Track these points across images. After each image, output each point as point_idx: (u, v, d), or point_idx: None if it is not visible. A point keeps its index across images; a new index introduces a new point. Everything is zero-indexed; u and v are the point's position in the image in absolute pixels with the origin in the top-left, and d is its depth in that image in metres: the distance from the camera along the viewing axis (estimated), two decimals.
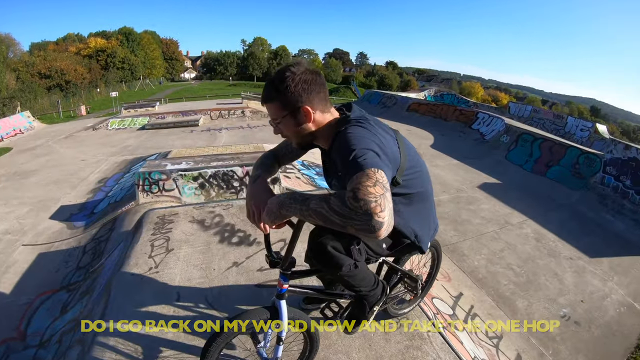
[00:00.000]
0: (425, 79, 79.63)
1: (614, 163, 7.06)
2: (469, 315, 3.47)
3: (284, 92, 1.40)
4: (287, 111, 1.44)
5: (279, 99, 1.43)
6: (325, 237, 1.54)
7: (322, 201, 1.19)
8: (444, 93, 25.55)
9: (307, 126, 1.49)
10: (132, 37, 57.81)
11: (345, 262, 1.58)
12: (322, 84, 1.47)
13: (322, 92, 1.47)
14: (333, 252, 1.54)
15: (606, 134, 15.51)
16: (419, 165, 1.66)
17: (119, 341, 2.24)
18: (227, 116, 15.44)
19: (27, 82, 36.17)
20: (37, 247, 4.91)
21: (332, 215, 1.14)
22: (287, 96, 1.41)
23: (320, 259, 1.59)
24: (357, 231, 1.11)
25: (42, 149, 11.35)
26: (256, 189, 1.60)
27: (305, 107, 1.43)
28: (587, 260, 4.95)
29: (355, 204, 1.08)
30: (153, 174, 5.22)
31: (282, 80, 1.39)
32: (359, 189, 1.09)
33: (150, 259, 3.06)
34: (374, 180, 1.11)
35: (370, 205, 1.06)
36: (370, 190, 1.09)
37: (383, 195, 1.09)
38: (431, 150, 10.37)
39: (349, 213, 1.10)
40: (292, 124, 1.48)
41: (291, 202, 1.30)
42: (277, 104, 1.44)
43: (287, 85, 1.39)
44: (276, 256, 1.69)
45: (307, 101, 1.43)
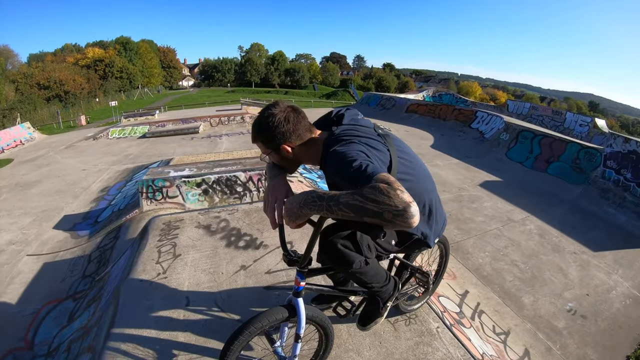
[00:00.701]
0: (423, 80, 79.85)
1: (614, 157, 7.07)
2: (475, 313, 3.49)
3: (265, 134, 1.62)
4: (270, 149, 1.66)
5: (261, 140, 1.65)
6: (335, 235, 1.60)
7: (354, 194, 1.25)
8: (442, 93, 25.57)
9: (290, 156, 1.67)
10: (129, 46, 58.11)
11: (356, 259, 1.62)
12: (299, 118, 1.64)
13: (300, 124, 1.64)
14: (343, 250, 1.60)
15: (605, 128, 15.52)
16: (413, 166, 1.72)
17: (129, 346, 2.25)
18: (227, 122, 15.45)
19: (26, 93, 36.39)
20: (42, 257, 4.91)
21: (368, 203, 1.21)
22: (268, 137, 1.62)
23: (331, 257, 1.64)
24: (394, 217, 1.18)
25: (44, 159, 11.36)
26: (277, 182, 1.70)
27: (284, 145, 1.62)
28: (591, 254, 4.96)
29: (392, 192, 1.18)
30: (156, 181, 5.23)
31: (262, 124, 1.61)
32: (390, 181, 1.22)
33: (158, 264, 3.08)
34: (392, 179, 1.23)
35: (405, 195, 1.18)
36: (396, 185, 1.21)
37: (406, 192, 1.21)
38: (431, 151, 10.39)
39: (386, 199, 1.18)
40: (277, 157, 1.70)
41: (315, 199, 1.36)
42: (260, 144, 1.68)
43: (266, 129, 1.60)
44: (294, 254, 1.73)
45: (284, 139, 1.61)
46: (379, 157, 1.48)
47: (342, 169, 1.38)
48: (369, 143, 1.53)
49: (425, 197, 1.78)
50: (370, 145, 1.52)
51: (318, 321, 1.83)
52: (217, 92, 60.02)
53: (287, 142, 1.62)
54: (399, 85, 68.01)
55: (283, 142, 1.61)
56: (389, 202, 1.17)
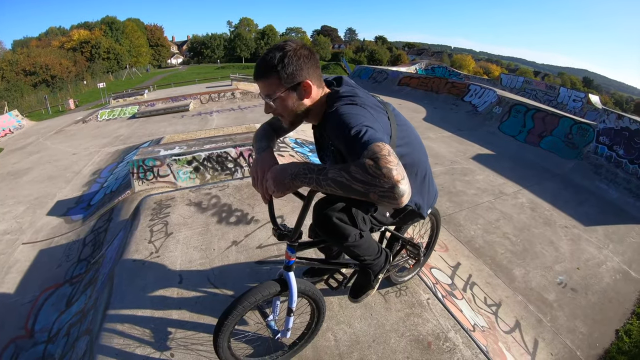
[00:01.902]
0: (416, 53, 78.83)
1: (607, 133, 7.08)
2: (467, 284, 3.54)
3: (284, 67, 1.37)
4: (285, 87, 1.40)
5: (277, 74, 1.38)
6: (330, 208, 1.57)
7: (341, 170, 1.19)
8: (435, 66, 25.36)
9: (304, 102, 1.46)
10: (115, 26, 56.78)
11: (352, 232, 1.61)
12: (317, 60, 1.48)
13: (318, 68, 1.47)
14: (339, 223, 1.57)
15: (599, 104, 15.52)
16: (410, 135, 1.67)
17: (126, 326, 2.27)
18: (217, 99, 15.26)
19: (12, 80, 35.66)
20: (37, 245, 4.91)
21: (354, 183, 1.15)
22: (287, 71, 1.37)
23: (326, 230, 1.61)
24: (380, 197, 1.13)
25: (34, 146, 11.23)
26: (264, 157, 1.58)
27: (307, 81, 1.41)
28: (582, 228, 5.02)
29: (378, 172, 1.10)
30: (147, 161, 5.19)
31: (281, 55, 1.36)
32: (378, 157, 1.12)
33: (151, 244, 3.08)
34: (387, 150, 1.14)
35: (393, 173, 1.09)
36: (388, 159, 1.11)
37: (399, 165, 1.13)
38: (424, 124, 10.35)
39: (372, 180, 1.11)
40: (289, 100, 1.44)
41: (306, 172, 1.29)
42: (274, 80, 1.39)
43: (288, 60, 1.36)
44: (284, 229, 1.70)
45: (308, 75, 1.42)
46: (380, 123, 1.38)
47: (341, 132, 1.29)
48: (372, 107, 1.44)
49: (421, 166, 1.77)
50: (372, 109, 1.43)
51: (309, 294, 1.84)
52: (206, 69, 59.01)
53: (310, 79, 1.43)
54: (392, 58, 67.12)
55: (307, 77, 1.42)
56: (375, 182, 1.11)
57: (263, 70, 1.40)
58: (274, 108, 1.47)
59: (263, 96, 1.46)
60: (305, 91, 1.43)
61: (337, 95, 1.47)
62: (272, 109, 1.48)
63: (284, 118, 1.53)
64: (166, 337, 2.16)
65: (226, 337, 1.70)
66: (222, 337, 1.67)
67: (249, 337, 2.08)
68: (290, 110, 1.47)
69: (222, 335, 1.67)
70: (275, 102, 1.44)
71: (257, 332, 2.10)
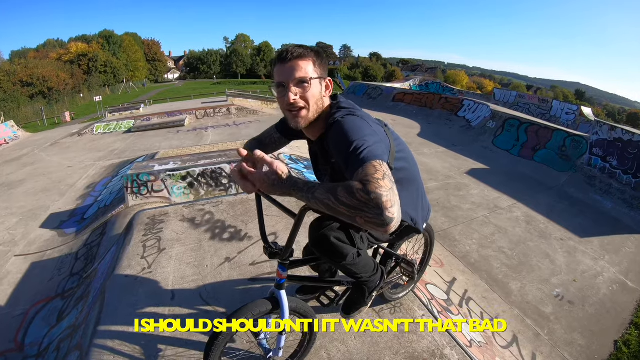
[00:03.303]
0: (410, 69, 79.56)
1: (600, 144, 7.16)
2: (463, 300, 3.51)
3: (321, 57, 1.41)
4: (316, 75, 1.40)
5: (315, 59, 1.40)
6: (327, 228, 1.53)
7: (329, 192, 1.12)
8: (429, 82, 25.63)
9: (324, 98, 1.48)
10: (113, 40, 57.23)
11: (350, 252, 1.58)
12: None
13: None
14: (337, 243, 1.53)
15: (591, 116, 15.69)
16: (405, 150, 1.67)
17: (116, 343, 2.22)
18: (213, 115, 15.31)
19: (9, 91, 35.64)
20: (30, 257, 4.84)
21: (339, 206, 1.09)
22: (322, 62, 1.42)
23: (324, 251, 1.58)
24: (366, 223, 1.06)
25: (28, 158, 11.16)
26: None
27: (329, 79, 1.46)
28: (578, 240, 5.03)
29: (366, 197, 1.03)
30: (141, 176, 5.17)
31: (312, 48, 1.41)
32: (368, 181, 1.06)
33: (143, 259, 3.05)
34: (382, 173, 1.08)
35: (382, 200, 1.01)
36: (380, 183, 1.05)
37: (392, 190, 1.06)
38: (418, 139, 10.40)
39: (358, 205, 1.05)
40: (318, 89, 1.42)
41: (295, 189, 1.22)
42: (311, 63, 1.39)
43: (321, 54, 1.42)
44: (275, 247, 1.68)
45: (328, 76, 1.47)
46: (379, 136, 1.32)
47: (342, 145, 1.25)
48: (371, 120, 1.43)
49: (416, 182, 1.77)
50: (372, 122, 1.42)
51: (302, 312, 1.81)
52: (203, 84, 59.40)
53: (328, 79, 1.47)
54: (386, 75, 67.81)
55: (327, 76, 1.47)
56: (361, 207, 1.04)
57: (302, 52, 1.38)
58: (304, 92, 1.40)
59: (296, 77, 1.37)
60: (327, 89, 1.47)
61: (338, 106, 1.47)
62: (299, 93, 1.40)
63: (304, 110, 1.43)
64: (156, 355, 2.12)
65: (217, 357, 1.67)
66: (213, 356, 1.64)
67: (241, 356, 2.04)
68: (315, 102, 1.43)
69: (212, 355, 1.63)
70: (308, 85, 1.39)
71: (249, 350, 2.06)
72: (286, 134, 1.82)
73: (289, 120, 1.47)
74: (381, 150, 1.21)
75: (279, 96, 1.41)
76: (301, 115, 1.43)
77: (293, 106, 1.41)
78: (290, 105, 1.40)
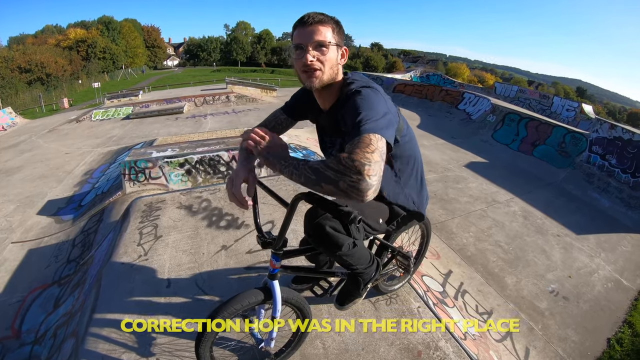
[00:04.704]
0: (411, 60, 78.99)
1: (600, 142, 7.14)
2: (459, 292, 3.53)
3: (340, 26, 1.45)
4: (335, 41, 1.43)
5: (332, 27, 1.42)
6: (322, 217, 1.53)
7: (320, 161, 1.21)
8: (430, 74, 25.52)
9: (340, 65, 1.49)
10: (112, 26, 56.69)
11: (345, 242, 1.57)
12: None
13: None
14: (332, 232, 1.53)
15: (592, 114, 15.67)
16: (410, 133, 1.70)
17: (111, 331, 2.22)
18: (212, 102, 15.29)
19: (7, 77, 35.36)
20: (27, 244, 4.85)
21: (327, 170, 1.16)
22: (341, 30, 1.46)
23: (319, 240, 1.57)
24: (348, 187, 1.11)
25: (26, 144, 11.14)
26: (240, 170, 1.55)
27: (346, 48, 1.50)
28: (574, 237, 5.05)
29: (350, 163, 1.11)
30: (139, 163, 5.16)
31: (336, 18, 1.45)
32: (356, 152, 1.13)
33: (139, 246, 3.04)
34: (373, 148, 1.15)
35: (364, 167, 1.10)
36: (367, 155, 1.12)
37: (378, 163, 1.13)
38: (418, 131, 10.39)
39: (342, 169, 1.12)
40: (334, 55, 1.44)
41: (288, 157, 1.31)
42: (331, 29, 1.41)
43: (339, 23, 1.45)
44: (268, 237, 1.65)
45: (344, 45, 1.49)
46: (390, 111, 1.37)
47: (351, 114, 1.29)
48: (384, 94, 1.46)
49: (419, 165, 1.78)
50: (385, 96, 1.46)
51: (294, 302, 1.80)
52: (202, 72, 59.14)
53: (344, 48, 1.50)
54: (387, 65, 67.56)
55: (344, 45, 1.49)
56: (345, 172, 1.11)
57: (323, 18, 1.41)
58: (319, 55, 1.42)
59: (314, 40, 1.40)
60: (342, 57, 1.49)
61: (354, 78, 1.51)
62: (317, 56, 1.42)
63: (319, 72, 1.44)
64: (151, 343, 2.12)
65: (208, 346, 1.66)
66: (204, 346, 1.63)
67: (232, 346, 2.04)
68: (331, 66, 1.45)
69: (203, 345, 1.62)
70: (327, 49, 1.41)
71: (241, 340, 2.07)
72: (293, 115, 1.82)
73: (304, 81, 1.48)
74: (384, 125, 1.25)
75: (297, 58, 1.44)
76: (316, 76, 1.45)
77: (309, 67, 1.43)
78: (306, 66, 1.42)
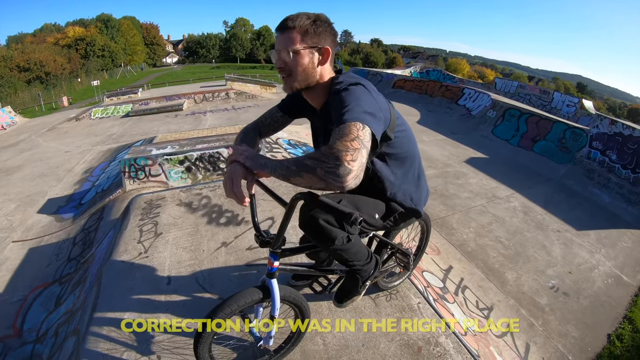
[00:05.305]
0: (411, 56, 78.83)
1: (600, 138, 7.13)
2: (459, 288, 3.53)
3: (316, 26, 1.39)
4: (306, 44, 1.39)
5: (307, 29, 1.38)
6: (316, 210, 1.51)
7: (303, 154, 1.23)
8: (429, 69, 25.53)
9: (317, 70, 1.46)
10: (111, 23, 56.58)
11: (338, 235, 1.55)
12: (336, 40, 1.50)
13: (335, 47, 1.50)
14: (325, 225, 1.51)
15: (592, 109, 15.65)
16: (406, 128, 1.67)
17: (112, 329, 2.22)
18: (212, 99, 15.28)
19: (5, 76, 35.32)
20: (27, 243, 4.85)
21: (306, 159, 1.17)
22: (317, 30, 1.39)
23: (312, 232, 1.56)
24: (326, 173, 1.11)
25: (26, 143, 11.12)
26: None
27: (327, 47, 1.43)
28: (575, 232, 5.04)
29: (328, 151, 1.12)
30: (139, 160, 5.16)
31: (316, 16, 1.41)
32: (336, 141, 1.13)
33: (140, 244, 3.04)
34: (353, 136, 1.14)
35: (342, 153, 1.10)
36: (346, 143, 1.12)
37: (358, 150, 1.11)
38: (417, 126, 10.37)
39: (321, 157, 1.13)
40: (306, 58, 1.41)
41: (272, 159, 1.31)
42: (299, 34, 1.38)
43: (320, 22, 1.40)
44: (266, 235, 1.64)
45: (329, 45, 1.44)
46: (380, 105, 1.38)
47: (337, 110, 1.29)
48: (374, 90, 1.46)
49: (416, 160, 1.77)
50: (375, 92, 1.45)
51: (292, 301, 1.80)
52: (202, 69, 59.07)
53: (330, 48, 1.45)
54: (387, 61, 67.28)
55: (329, 45, 1.44)
56: (323, 159, 1.12)
57: (293, 21, 1.38)
58: (287, 62, 1.42)
59: (281, 47, 1.41)
60: (323, 57, 1.44)
61: (342, 76, 1.49)
62: (285, 63, 1.42)
63: (290, 78, 1.46)
64: (152, 340, 2.13)
65: (207, 346, 1.66)
66: (203, 345, 1.63)
67: (232, 344, 2.05)
68: (302, 70, 1.43)
69: (202, 344, 1.62)
70: (292, 55, 1.40)
71: (240, 338, 2.07)
72: (289, 112, 1.81)
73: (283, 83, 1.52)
74: (368, 116, 1.25)
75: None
76: (287, 82, 1.48)
77: (280, 72, 1.47)
78: (278, 69, 1.46)
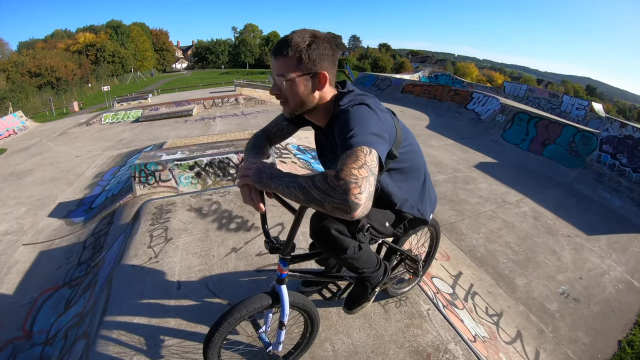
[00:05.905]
0: (419, 60, 78.62)
1: (610, 141, 7.04)
2: (468, 294, 3.50)
3: (310, 51, 1.32)
4: (301, 72, 1.34)
5: (300, 55, 1.32)
6: (328, 220, 1.50)
7: (308, 178, 1.17)
8: (438, 74, 25.45)
9: (315, 95, 1.41)
10: (121, 29, 57.42)
11: (350, 245, 1.55)
12: (337, 58, 1.43)
13: (335, 66, 1.43)
14: (337, 235, 1.51)
15: (602, 112, 15.50)
16: (413, 140, 1.66)
17: (122, 333, 2.24)
18: (221, 104, 15.36)
19: (17, 82, 35.97)
20: (38, 246, 4.90)
21: (313, 190, 1.13)
22: (311, 56, 1.32)
23: (323, 243, 1.55)
24: (334, 209, 1.09)
25: (37, 147, 11.27)
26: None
27: (324, 72, 1.36)
28: (585, 237, 4.98)
29: (336, 182, 1.08)
30: (149, 165, 5.20)
31: (311, 38, 1.32)
32: (342, 169, 1.09)
33: (150, 249, 3.06)
34: (361, 162, 1.11)
35: (350, 186, 1.06)
36: (353, 171, 1.08)
37: (366, 178, 1.08)
38: (426, 131, 10.34)
39: (328, 189, 1.09)
40: (301, 86, 1.37)
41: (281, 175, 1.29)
42: (294, 60, 1.33)
43: (315, 45, 1.32)
44: (276, 242, 1.65)
45: (327, 69, 1.37)
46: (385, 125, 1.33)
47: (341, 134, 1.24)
48: (379, 109, 1.39)
49: (422, 171, 1.76)
50: (380, 111, 1.38)
51: (302, 307, 1.81)
52: (211, 74, 59.57)
53: (327, 72, 1.37)
54: (395, 66, 67.22)
55: (325, 69, 1.36)
56: (330, 193, 1.08)
57: (286, 48, 1.32)
58: (282, 89, 1.39)
59: (275, 75, 1.37)
60: (319, 83, 1.38)
61: (346, 95, 1.43)
62: (280, 90, 1.40)
63: (287, 105, 1.44)
64: (161, 345, 2.14)
65: (216, 350, 1.67)
66: (212, 349, 1.64)
67: (241, 350, 2.06)
68: (298, 98, 1.40)
69: (212, 348, 1.64)
70: (286, 83, 1.36)
71: (249, 344, 2.07)
72: (294, 122, 1.78)
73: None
74: (375, 138, 1.21)
75: None
76: (285, 108, 1.47)
77: (278, 97, 1.44)
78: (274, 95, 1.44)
